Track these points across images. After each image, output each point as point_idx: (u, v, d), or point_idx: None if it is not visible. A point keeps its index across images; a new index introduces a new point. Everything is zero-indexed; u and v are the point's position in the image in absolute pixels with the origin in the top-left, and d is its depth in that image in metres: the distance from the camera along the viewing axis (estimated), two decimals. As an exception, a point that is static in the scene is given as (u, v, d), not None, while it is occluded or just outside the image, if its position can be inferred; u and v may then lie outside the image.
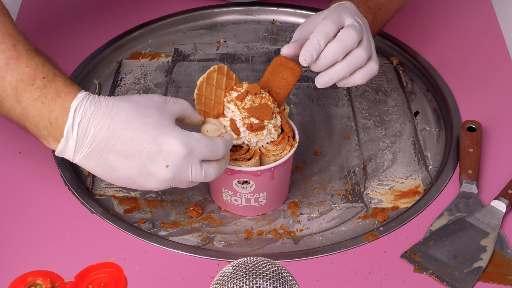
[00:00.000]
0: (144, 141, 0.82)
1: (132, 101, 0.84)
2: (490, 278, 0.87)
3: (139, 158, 0.82)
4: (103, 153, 0.83)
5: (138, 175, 0.83)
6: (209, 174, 0.85)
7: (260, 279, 0.66)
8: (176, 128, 0.83)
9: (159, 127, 0.82)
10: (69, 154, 0.84)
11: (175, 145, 0.82)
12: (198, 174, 0.84)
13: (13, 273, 0.86)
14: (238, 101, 0.90)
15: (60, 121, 0.83)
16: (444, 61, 1.18)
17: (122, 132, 0.82)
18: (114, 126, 0.82)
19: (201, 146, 0.83)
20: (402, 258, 0.89)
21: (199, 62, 1.22)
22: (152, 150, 0.82)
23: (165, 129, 0.83)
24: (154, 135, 0.82)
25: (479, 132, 1.03)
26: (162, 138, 0.82)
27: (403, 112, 1.13)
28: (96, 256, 0.89)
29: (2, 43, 0.84)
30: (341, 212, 0.98)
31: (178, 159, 0.82)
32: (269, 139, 0.91)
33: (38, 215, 0.94)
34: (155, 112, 0.83)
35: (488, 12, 1.28)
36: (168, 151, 0.82)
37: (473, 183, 0.97)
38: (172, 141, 0.82)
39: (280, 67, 0.93)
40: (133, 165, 0.83)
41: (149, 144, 0.82)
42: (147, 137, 0.82)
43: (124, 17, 1.27)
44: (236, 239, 0.94)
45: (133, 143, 0.82)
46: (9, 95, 0.84)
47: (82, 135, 0.82)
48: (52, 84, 0.84)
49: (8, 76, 0.84)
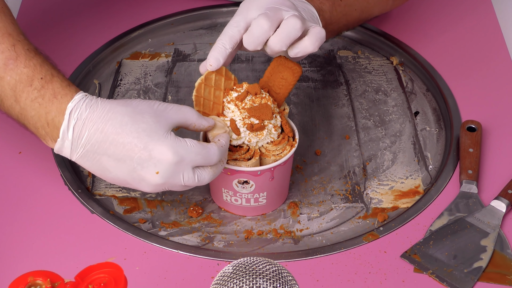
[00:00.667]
0: (135, 146, 0.83)
1: (129, 106, 0.84)
2: (490, 278, 0.87)
3: (131, 163, 0.83)
4: (97, 155, 0.84)
5: (130, 178, 0.85)
6: (202, 179, 0.86)
7: (260, 279, 0.66)
8: (169, 135, 0.84)
9: (152, 134, 0.83)
10: (66, 153, 0.85)
11: (165, 153, 0.82)
12: (190, 180, 0.85)
13: (13, 273, 0.86)
14: (238, 101, 0.90)
15: (56, 122, 0.84)
16: (444, 61, 1.18)
17: (114, 136, 0.83)
18: (108, 129, 0.83)
19: (193, 154, 0.84)
20: (402, 258, 0.89)
21: (199, 62, 1.21)
22: (142, 156, 0.83)
23: (158, 136, 0.83)
24: (146, 142, 0.83)
25: (479, 132, 1.03)
26: (153, 145, 0.83)
27: (403, 112, 1.13)
28: (96, 256, 0.89)
29: (1, 43, 0.85)
30: (341, 212, 0.98)
31: (168, 167, 0.83)
32: (269, 139, 0.91)
33: (38, 215, 0.94)
34: (150, 118, 0.84)
35: (488, 12, 1.28)
36: (158, 159, 0.83)
37: (473, 183, 0.97)
38: (163, 148, 0.82)
39: (280, 67, 0.93)
40: (125, 169, 0.84)
41: (140, 150, 0.83)
42: (139, 143, 0.83)
43: (124, 17, 1.27)
44: (236, 239, 0.94)
45: (125, 148, 0.83)
46: (8, 95, 0.85)
47: (77, 137, 0.83)
48: (49, 85, 0.85)
49: (7, 76, 0.84)
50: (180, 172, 0.84)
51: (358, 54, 1.23)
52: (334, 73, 1.19)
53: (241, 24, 0.90)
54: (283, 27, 0.88)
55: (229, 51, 0.90)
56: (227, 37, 0.89)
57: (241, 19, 0.90)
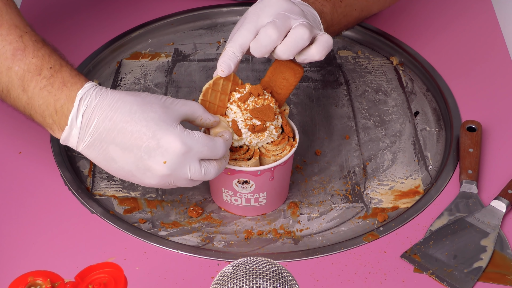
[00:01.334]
0: (144, 135, 0.83)
1: (138, 96, 0.85)
2: (490, 278, 0.87)
3: (138, 152, 0.83)
4: (104, 143, 0.84)
5: (136, 169, 0.84)
6: (208, 173, 0.85)
7: (260, 279, 0.66)
8: (178, 126, 0.84)
9: (161, 123, 0.83)
10: (73, 142, 0.85)
11: (174, 142, 0.82)
12: (197, 172, 0.84)
13: (13, 273, 0.86)
14: (240, 102, 0.90)
15: (65, 109, 0.84)
16: (444, 61, 1.18)
17: (123, 125, 0.83)
18: (116, 117, 0.83)
19: (201, 145, 0.84)
20: (402, 258, 0.89)
21: (199, 62, 1.22)
22: (150, 144, 0.83)
23: (166, 125, 0.83)
24: (154, 130, 0.83)
25: (479, 132, 1.03)
26: (161, 134, 0.83)
27: (403, 112, 1.13)
28: (96, 256, 0.89)
29: (9, 35, 0.85)
30: (341, 212, 0.98)
31: (176, 156, 0.83)
32: (269, 140, 0.91)
33: (38, 215, 0.94)
34: (159, 109, 0.84)
35: (488, 12, 1.28)
36: (166, 148, 0.82)
37: (473, 183, 0.97)
38: (171, 138, 0.82)
39: (282, 67, 0.93)
40: (132, 158, 0.83)
41: (149, 138, 0.83)
42: (147, 131, 0.83)
43: (124, 17, 1.27)
44: (236, 239, 0.94)
45: (133, 136, 0.83)
46: (15, 85, 0.85)
47: (86, 124, 0.83)
48: (58, 74, 0.85)
49: (15, 66, 0.85)
50: (187, 163, 0.84)
51: (358, 54, 1.23)
52: (334, 73, 1.20)
53: (252, 31, 0.90)
54: (291, 36, 0.89)
55: (239, 58, 0.90)
56: (238, 45, 0.89)
57: (251, 26, 0.90)
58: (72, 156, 1.04)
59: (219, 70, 0.89)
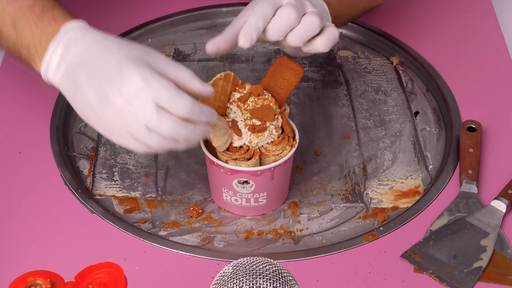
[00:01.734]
0: (109, 64, 0.81)
1: (125, 39, 0.85)
2: (490, 278, 0.87)
3: (100, 79, 0.81)
4: (76, 71, 0.83)
5: (95, 98, 0.81)
6: (164, 122, 0.79)
7: (260, 279, 0.66)
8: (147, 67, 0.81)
9: (131, 59, 0.81)
10: (51, 73, 0.84)
11: (134, 75, 0.79)
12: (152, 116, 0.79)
13: (13, 273, 0.86)
14: (240, 102, 0.90)
15: (50, 39, 0.84)
16: (444, 61, 1.18)
17: (97, 55, 0.82)
18: (93, 48, 0.83)
19: (160, 84, 0.79)
20: (402, 258, 0.89)
21: (199, 62, 1.22)
22: (112, 72, 0.80)
23: (136, 62, 0.81)
24: (121, 61, 0.81)
25: (479, 132, 1.03)
26: (126, 65, 0.80)
27: (403, 112, 1.13)
28: (96, 256, 0.89)
29: None
30: (341, 212, 0.98)
31: (132, 88, 0.79)
32: (269, 140, 0.91)
33: (38, 215, 0.94)
34: (138, 53, 0.82)
35: (488, 12, 1.28)
36: (126, 78, 0.80)
37: (473, 183, 0.97)
38: (132, 70, 0.80)
39: (282, 67, 0.93)
40: (94, 86, 0.81)
41: (112, 67, 0.81)
42: (114, 61, 0.81)
43: (124, 17, 1.27)
44: (236, 239, 0.94)
45: (100, 65, 0.81)
46: (8, 24, 0.86)
47: (65, 53, 0.83)
48: (50, 12, 0.86)
49: (9, 7, 0.86)
50: (144, 101, 0.79)
51: (358, 54, 1.23)
52: (334, 73, 1.19)
53: (272, 5, 0.87)
54: (304, 23, 0.88)
55: (261, 31, 0.87)
56: (260, 16, 0.86)
57: (271, 1, 0.87)
58: (72, 156, 1.04)
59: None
